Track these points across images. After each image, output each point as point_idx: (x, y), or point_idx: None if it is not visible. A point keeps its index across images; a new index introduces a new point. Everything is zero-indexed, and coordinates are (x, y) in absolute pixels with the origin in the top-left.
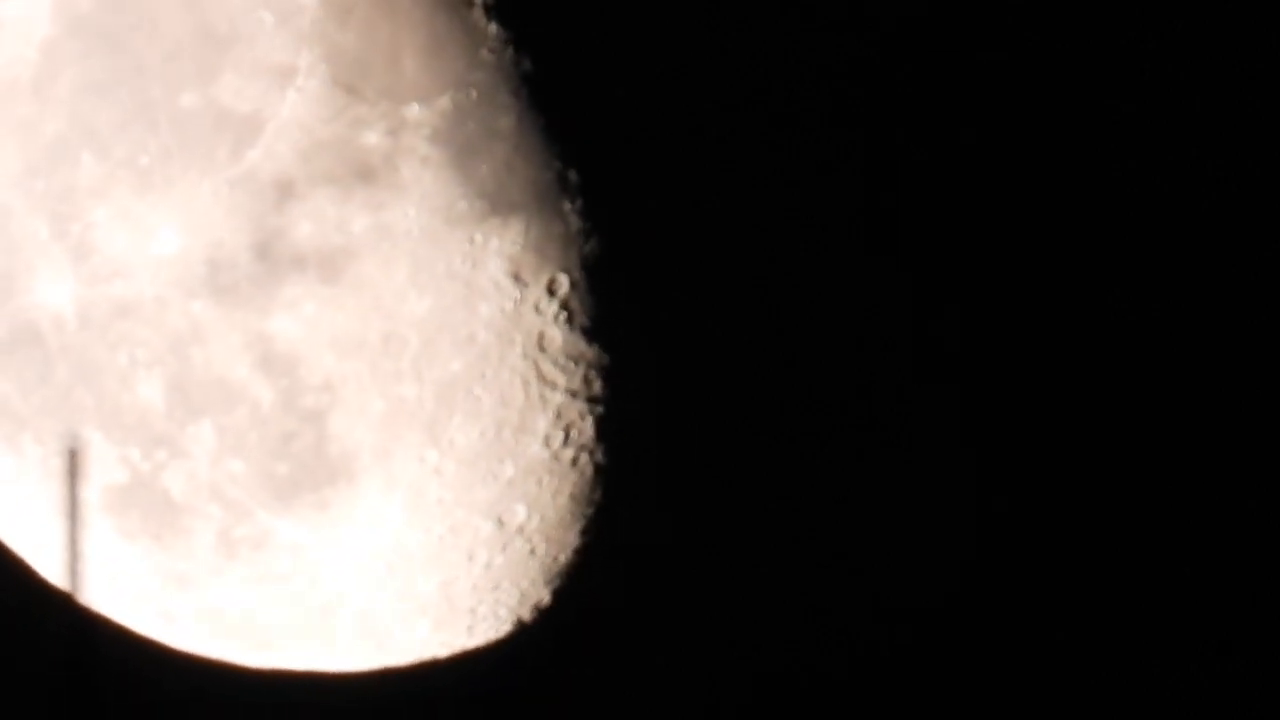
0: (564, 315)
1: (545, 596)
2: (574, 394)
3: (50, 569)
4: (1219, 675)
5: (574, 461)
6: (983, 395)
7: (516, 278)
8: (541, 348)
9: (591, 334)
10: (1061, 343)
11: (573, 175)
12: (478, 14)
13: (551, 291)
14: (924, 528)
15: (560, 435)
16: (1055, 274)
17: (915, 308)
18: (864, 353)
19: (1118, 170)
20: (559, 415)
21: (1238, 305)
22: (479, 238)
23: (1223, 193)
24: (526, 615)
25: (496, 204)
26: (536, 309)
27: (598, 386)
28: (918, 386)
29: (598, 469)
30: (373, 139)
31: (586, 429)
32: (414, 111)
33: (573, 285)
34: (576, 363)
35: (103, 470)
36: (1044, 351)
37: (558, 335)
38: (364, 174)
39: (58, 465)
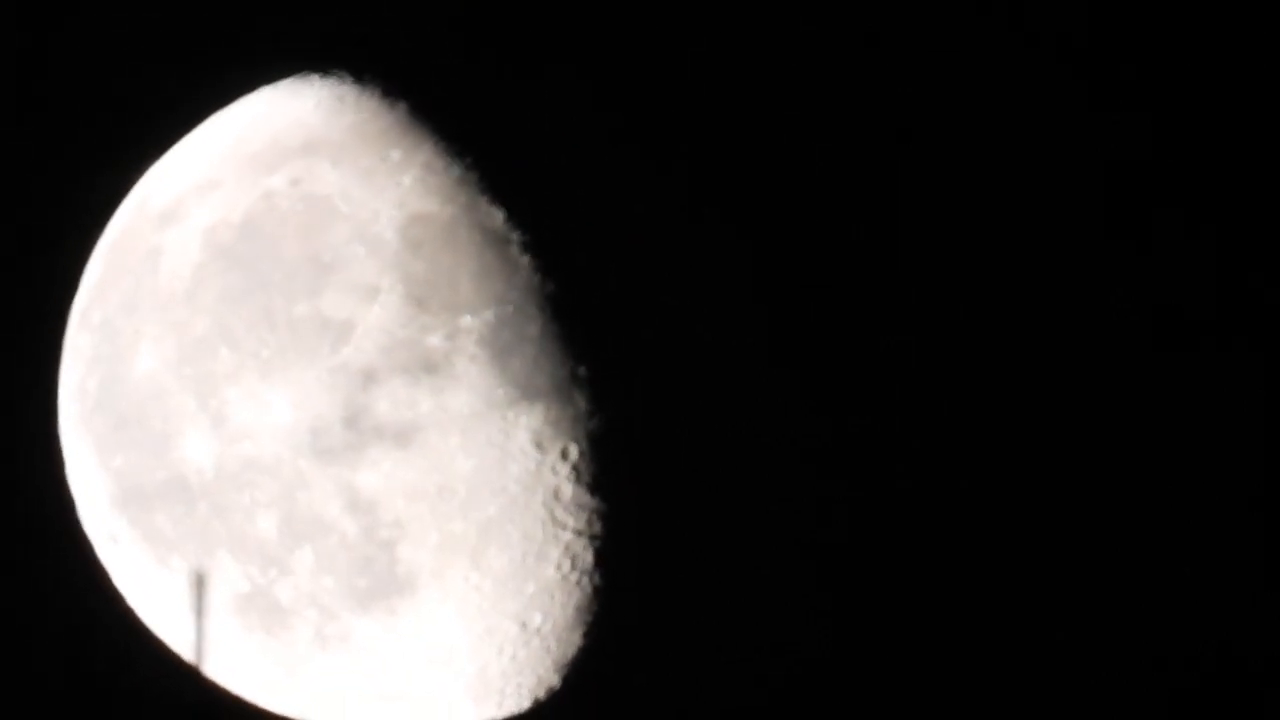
0: (573, 474)
1: (556, 681)
2: (579, 532)
3: (185, 652)
4: (1219, 675)
5: (578, 582)
6: (987, 398)
7: (539, 446)
8: (556, 498)
9: (593, 488)
10: (1062, 342)
11: (582, 370)
12: (514, 250)
13: (564, 457)
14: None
15: (568, 562)
16: (1056, 273)
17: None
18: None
19: (1117, 170)
20: (567, 548)
21: (1237, 305)
22: (511, 415)
23: (1222, 192)
24: (541, 695)
25: (525, 391)
26: (553, 470)
27: (597, 527)
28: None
29: (595, 588)
30: (435, 341)
31: (588, 558)
32: (466, 321)
33: (580, 453)
34: (581, 509)
35: (230, 582)
36: (1045, 351)
37: (568, 489)
38: (428, 367)
39: (193, 579)
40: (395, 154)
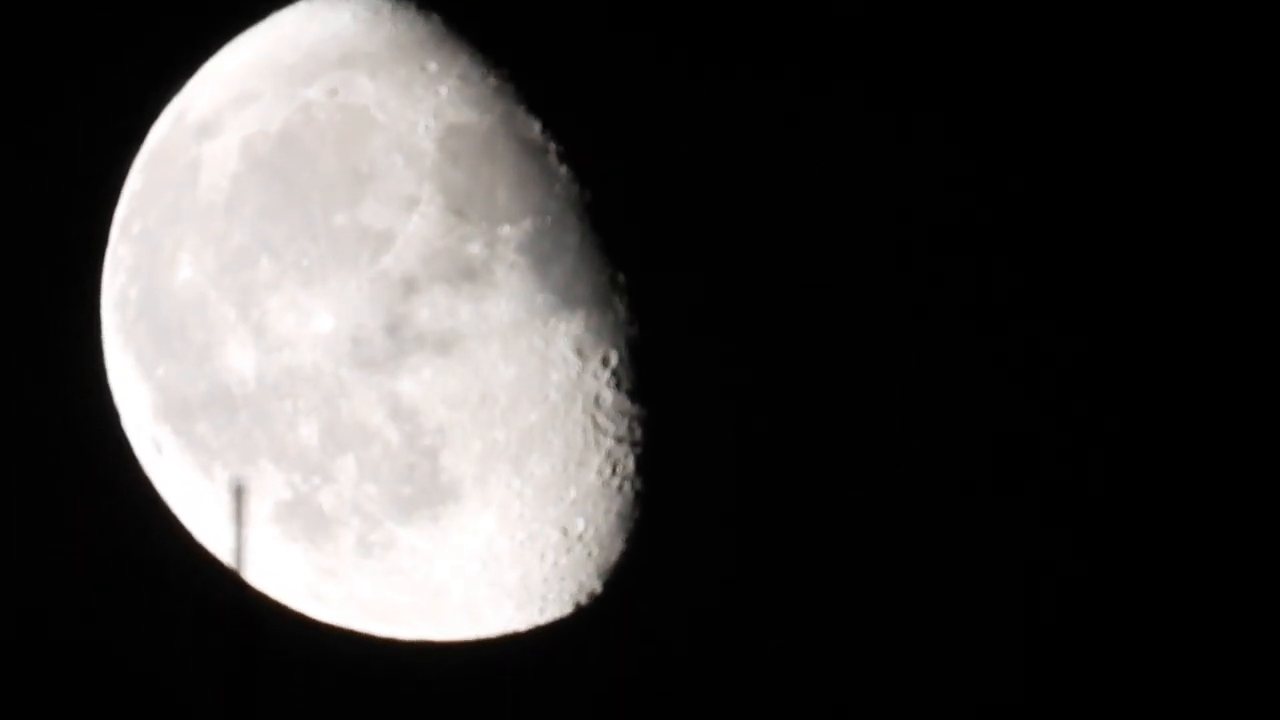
0: (614, 381)
1: (598, 587)
2: (620, 439)
3: (226, 558)
4: (1218, 675)
5: (619, 489)
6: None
7: (579, 353)
8: (597, 405)
9: (633, 395)
10: (1063, 343)
11: (621, 278)
12: (552, 159)
13: (605, 364)
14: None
15: (609, 469)
16: (1067, 273)
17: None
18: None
19: (1118, 170)
20: (609, 455)
21: (1237, 305)
22: (552, 323)
23: (1223, 193)
24: (584, 600)
25: (565, 298)
26: (594, 376)
27: (638, 433)
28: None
29: (637, 494)
30: (475, 249)
31: (629, 465)
32: (505, 230)
33: (620, 359)
34: (622, 416)
35: (272, 491)
36: (1049, 351)
37: (609, 396)
38: (468, 275)
39: (234, 488)
40: (432, 65)
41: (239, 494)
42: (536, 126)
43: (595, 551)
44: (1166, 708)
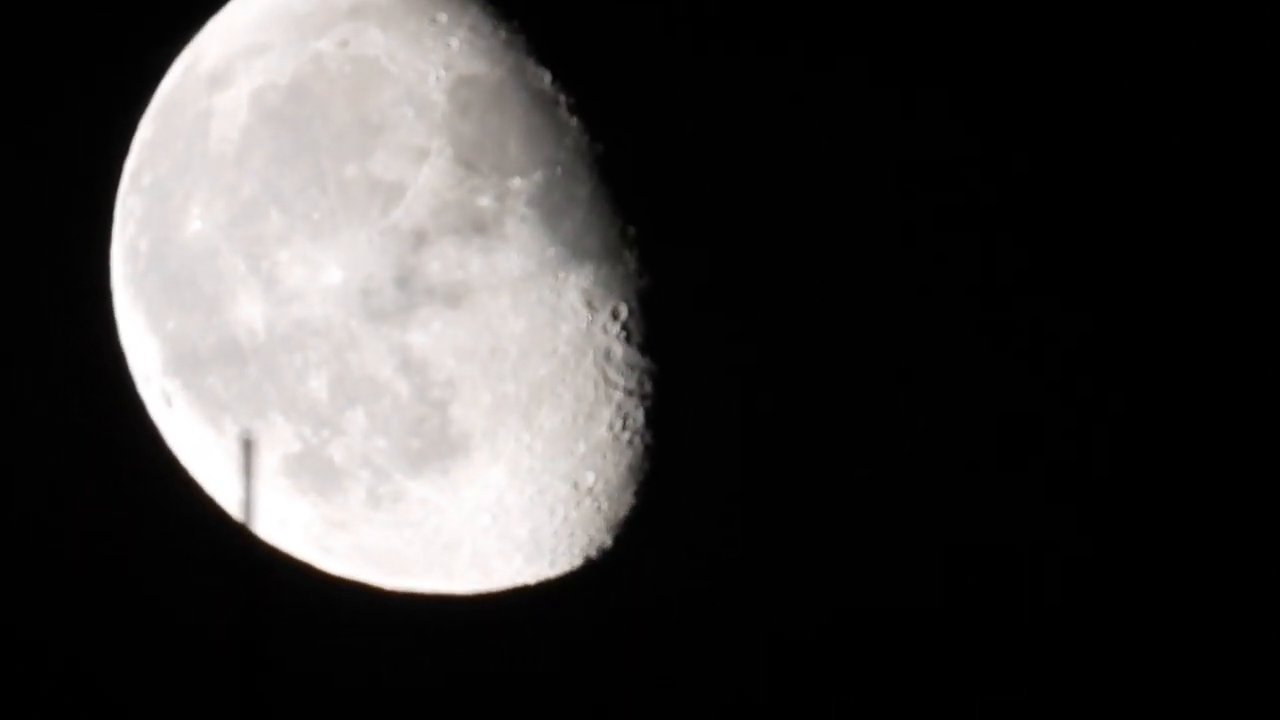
0: (624, 334)
1: (608, 541)
2: (630, 393)
3: (234, 510)
4: (1222, 655)
5: (630, 442)
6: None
7: (590, 305)
8: (607, 358)
9: (644, 348)
10: (1068, 320)
11: (631, 230)
12: (563, 112)
13: (615, 316)
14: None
15: (620, 422)
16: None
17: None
18: (866, 360)
19: (1123, 148)
20: (619, 408)
21: (1236, 306)
22: (562, 275)
23: (1228, 173)
24: (594, 554)
25: (576, 250)
26: (604, 329)
27: (648, 387)
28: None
29: (647, 448)
30: (485, 202)
31: (639, 418)
32: (516, 182)
33: (630, 312)
34: (633, 369)
35: (282, 443)
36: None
37: (619, 349)
38: (478, 227)
39: (245, 439)
40: (442, 16)
41: (248, 446)
42: (547, 78)
43: (605, 505)
44: (1171, 688)
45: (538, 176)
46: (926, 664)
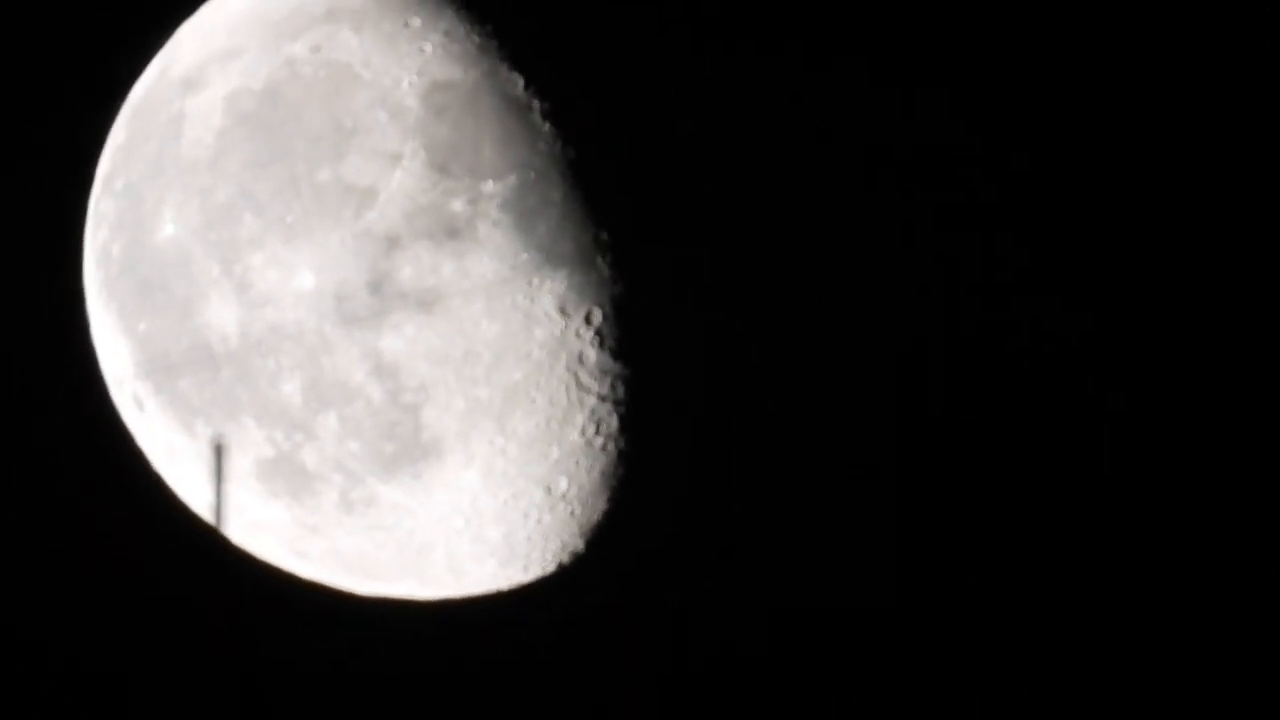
0: (597, 339)
1: (580, 546)
2: (603, 398)
3: (207, 515)
4: (1226, 652)
5: (603, 447)
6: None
7: (563, 311)
8: (581, 363)
9: (617, 353)
10: (1068, 319)
11: (604, 235)
12: (536, 117)
13: (588, 321)
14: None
15: (593, 428)
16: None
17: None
18: (849, 363)
19: (1122, 147)
20: (593, 413)
21: (1236, 306)
22: (535, 280)
23: (1227, 172)
24: (566, 559)
25: (549, 255)
26: (577, 334)
27: (622, 392)
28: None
29: (620, 453)
30: (458, 206)
31: (613, 423)
32: (489, 186)
33: (604, 317)
34: (606, 374)
35: (255, 447)
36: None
37: (592, 354)
38: (451, 231)
39: (216, 443)
40: (416, 21)
41: (220, 451)
42: (520, 83)
43: (578, 510)
44: (1171, 688)
45: (511, 181)
46: (925, 664)
